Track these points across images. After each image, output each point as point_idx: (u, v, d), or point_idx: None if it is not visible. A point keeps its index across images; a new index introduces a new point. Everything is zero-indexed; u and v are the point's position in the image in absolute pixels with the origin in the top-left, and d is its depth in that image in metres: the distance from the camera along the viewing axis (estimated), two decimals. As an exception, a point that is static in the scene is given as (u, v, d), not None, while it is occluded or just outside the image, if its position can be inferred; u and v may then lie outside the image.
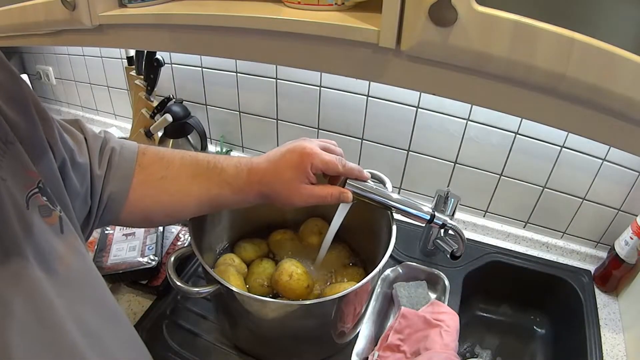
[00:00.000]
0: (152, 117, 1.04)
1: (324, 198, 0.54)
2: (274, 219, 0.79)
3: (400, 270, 0.77)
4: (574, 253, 0.87)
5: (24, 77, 1.16)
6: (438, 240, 0.79)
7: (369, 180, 0.58)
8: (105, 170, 0.49)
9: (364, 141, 0.95)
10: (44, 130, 0.37)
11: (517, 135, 0.80)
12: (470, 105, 0.81)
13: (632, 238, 0.73)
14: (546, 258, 0.86)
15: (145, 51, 0.98)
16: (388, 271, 0.76)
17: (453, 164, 0.89)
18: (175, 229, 0.86)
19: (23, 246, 0.30)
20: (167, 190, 0.53)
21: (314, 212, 0.78)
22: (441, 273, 0.75)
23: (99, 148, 0.49)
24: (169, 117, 0.97)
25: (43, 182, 0.34)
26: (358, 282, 0.55)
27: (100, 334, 0.36)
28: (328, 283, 0.69)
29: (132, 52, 1.08)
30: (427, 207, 0.59)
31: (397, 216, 0.61)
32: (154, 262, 0.74)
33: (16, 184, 0.31)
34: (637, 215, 0.74)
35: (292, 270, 0.64)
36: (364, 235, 0.73)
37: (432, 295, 0.75)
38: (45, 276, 0.31)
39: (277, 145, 0.55)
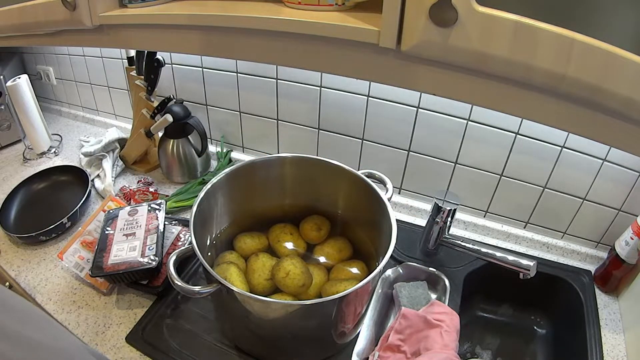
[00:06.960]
0: (153, 117, 1.04)
1: None
2: (273, 214, 0.79)
3: (401, 271, 0.77)
4: (574, 253, 0.87)
5: (24, 77, 1.16)
6: None
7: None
8: None
9: (364, 141, 0.95)
10: None
11: (517, 135, 0.80)
12: (470, 105, 0.81)
13: (632, 238, 0.73)
14: (546, 258, 0.86)
15: (146, 51, 0.98)
16: (388, 271, 0.76)
17: (453, 164, 0.89)
18: (175, 229, 0.85)
19: None
20: None
21: (314, 209, 0.78)
22: (441, 273, 0.76)
23: None
24: (169, 118, 0.98)
25: None
26: (359, 279, 0.55)
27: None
28: (328, 281, 0.69)
29: (132, 53, 1.08)
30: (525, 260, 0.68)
31: (397, 216, 0.61)
32: (154, 262, 0.74)
33: None
34: (637, 216, 0.74)
35: (290, 269, 0.64)
36: (364, 233, 0.73)
37: (433, 296, 0.75)
38: None
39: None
